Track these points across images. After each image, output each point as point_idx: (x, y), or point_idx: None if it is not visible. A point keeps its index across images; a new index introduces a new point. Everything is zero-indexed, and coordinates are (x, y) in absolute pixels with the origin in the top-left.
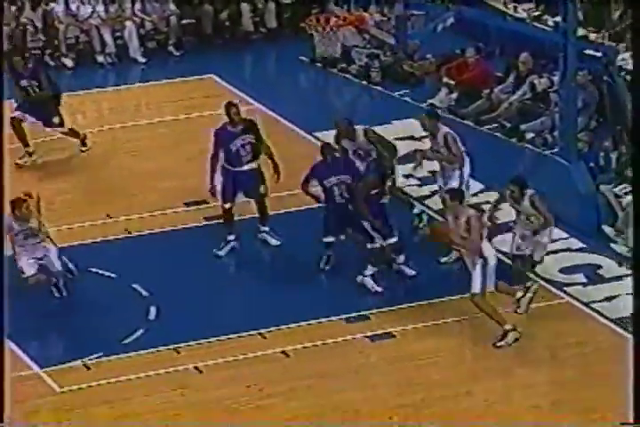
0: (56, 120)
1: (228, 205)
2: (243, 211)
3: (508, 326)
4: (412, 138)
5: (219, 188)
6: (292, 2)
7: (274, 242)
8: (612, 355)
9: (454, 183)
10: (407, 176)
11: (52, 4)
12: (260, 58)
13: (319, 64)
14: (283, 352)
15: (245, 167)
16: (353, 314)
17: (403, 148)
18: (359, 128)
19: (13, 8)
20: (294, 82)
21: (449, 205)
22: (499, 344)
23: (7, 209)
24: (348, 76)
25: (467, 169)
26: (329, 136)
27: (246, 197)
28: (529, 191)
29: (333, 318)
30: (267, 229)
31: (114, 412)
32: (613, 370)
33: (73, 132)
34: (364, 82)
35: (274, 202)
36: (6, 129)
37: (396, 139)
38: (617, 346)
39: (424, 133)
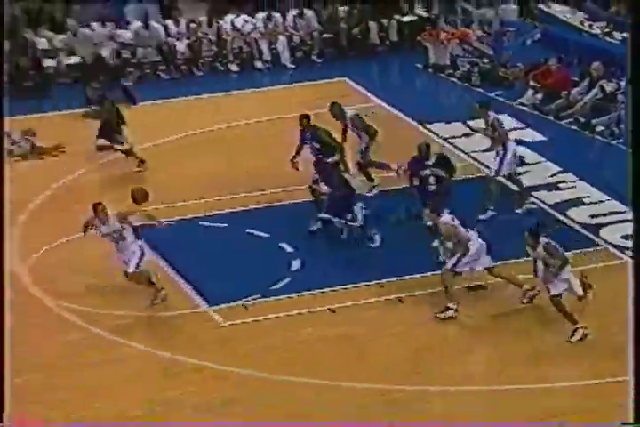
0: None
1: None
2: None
3: (450, 305)
4: None
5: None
6: (410, 20)
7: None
8: None
9: (492, 165)
10: None
11: (221, 22)
12: (384, 65)
13: (431, 70)
14: (398, 299)
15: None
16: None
17: None
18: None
19: (193, 24)
20: (411, 84)
21: (427, 215)
22: (439, 315)
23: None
24: (453, 79)
25: (510, 151)
26: (438, 127)
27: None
28: (542, 240)
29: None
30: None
31: (261, 344)
32: None
33: (129, 152)
34: (467, 84)
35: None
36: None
37: None
38: None
39: (515, 125)
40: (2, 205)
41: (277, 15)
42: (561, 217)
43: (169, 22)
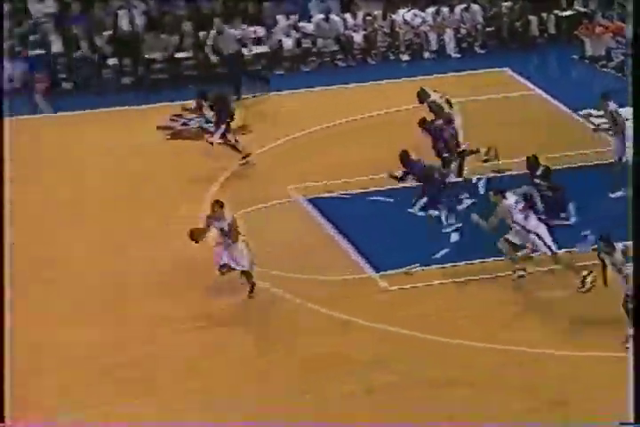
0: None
1: None
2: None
3: (584, 273)
4: None
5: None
6: (568, 15)
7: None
8: None
9: (615, 154)
10: None
11: (394, 16)
12: (543, 56)
13: (586, 61)
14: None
15: None
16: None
17: None
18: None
19: (369, 17)
20: (567, 74)
21: (493, 198)
22: (582, 290)
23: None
24: (607, 70)
25: (627, 138)
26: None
27: None
28: (620, 245)
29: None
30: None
31: (421, 308)
32: None
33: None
34: (620, 75)
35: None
36: (7, 133)
37: None
38: None
39: None
40: (2, 205)
41: (445, 9)
42: None
43: (347, 16)
